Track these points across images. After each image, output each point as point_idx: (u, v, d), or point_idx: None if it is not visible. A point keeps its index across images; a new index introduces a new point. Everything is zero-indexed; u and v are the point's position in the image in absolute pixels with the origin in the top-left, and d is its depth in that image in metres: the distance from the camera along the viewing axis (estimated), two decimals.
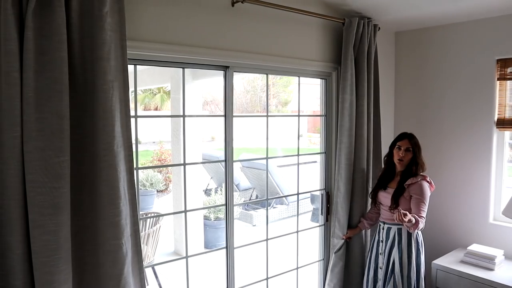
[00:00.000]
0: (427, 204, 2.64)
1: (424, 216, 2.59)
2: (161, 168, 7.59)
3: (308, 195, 6.10)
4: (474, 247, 3.01)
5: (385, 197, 2.80)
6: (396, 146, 2.77)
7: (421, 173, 2.72)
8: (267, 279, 3.03)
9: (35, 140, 1.74)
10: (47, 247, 1.78)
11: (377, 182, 2.93)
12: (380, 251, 2.83)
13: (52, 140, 1.77)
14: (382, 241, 2.82)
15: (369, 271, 2.91)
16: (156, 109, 13.86)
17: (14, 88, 1.70)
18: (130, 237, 2.07)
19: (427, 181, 2.70)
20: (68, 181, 1.84)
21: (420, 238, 2.76)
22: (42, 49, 1.74)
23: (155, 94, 13.51)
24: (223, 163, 2.66)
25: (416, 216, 2.53)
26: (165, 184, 7.59)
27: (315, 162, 5.59)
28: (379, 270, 2.83)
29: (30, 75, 1.71)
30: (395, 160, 2.77)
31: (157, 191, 7.32)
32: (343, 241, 3.05)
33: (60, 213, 1.81)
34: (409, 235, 2.70)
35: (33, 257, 1.78)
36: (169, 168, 7.41)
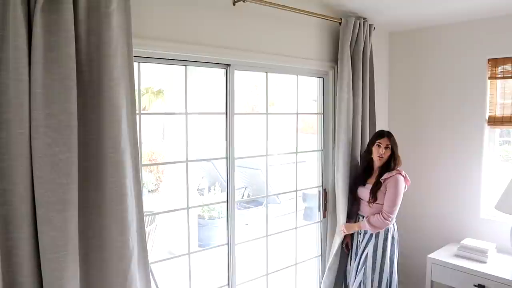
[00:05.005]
0: (398, 198, 2.79)
1: (390, 210, 2.76)
2: (152, 168, 7.55)
3: (300, 193, 6.14)
4: (467, 241, 3.10)
5: (364, 192, 2.94)
6: (376, 144, 2.88)
7: (397, 168, 2.85)
8: (266, 275, 3.06)
9: (43, 136, 1.73)
10: (55, 243, 1.78)
11: (357, 179, 3.06)
12: (358, 242, 2.97)
13: (60, 136, 1.77)
14: (360, 233, 2.97)
15: (351, 261, 3.05)
16: (143, 109, 13.72)
17: (22, 84, 1.69)
18: (136, 233, 2.08)
19: (402, 175, 2.82)
20: (76, 177, 1.84)
21: (396, 235, 2.92)
22: (50, 45, 1.74)
23: (143, 95, 13.38)
24: (216, 163, 2.68)
25: (372, 219, 2.79)
26: (156, 184, 7.55)
27: (304, 162, 5.64)
28: (356, 260, 2.96)
29: (38, 71, 1.71)
30: (375, 157, 2.90)
31: (148, 191, 7.28)
32: (339, 242, 3.09)
33: (68, 209, 1.81)
34: (386, 231, 2.84)
35: (40, 253, 1.78)
36: (160, 168, 7.37)
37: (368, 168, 3.00)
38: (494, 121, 3.18)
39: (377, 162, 2.91)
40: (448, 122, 3.42)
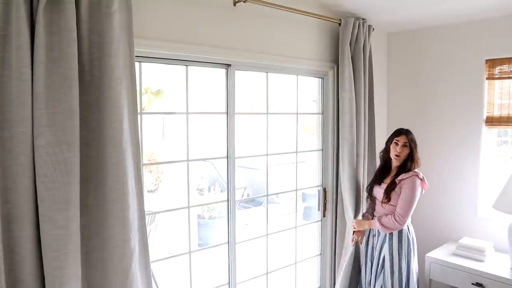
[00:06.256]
0: (413, 201, 2.69)
1: (403, 213, 2.66)
2: (151, 168, 7.56)
3: (299, 193, 6.15)
4: (465, 240, 3.12)
5: (379, 192, 2.86)
6: (394, 142, 2.80)
7: (414, 170, 2.75)
8: (267, 273, 3.09)
9: (45, 135, 1.75)
10: (57, 241, 1.79)
11: (373, 178, 3.01)
12: (374, 245, 2.91)
13: (62, 135, 1.78)
14: (375, 236, 2.90)
15: (366, 264, 2.98)
16: (142, 109, 13.67)
17: (24, 84, 1.71)
18: (137, 232, 2.09)
19: (420, 178, 2.72)
20: (78, 176, 1.85)
21: (412, 235, 2.81)
22: (52, 45, 1.75)
23: (142, 95, 13.35)
24: (216, 163, 2.69)
25: (384, 219, 2.72)
26: (155, 184, 7.56)
27: (303, 162, 5.67)
28: (373, 263, 2.90)
29: (40, 70, 1.73)
30: (392, 155, 2.80)
31: (148, 191, 7.28)
32: (354, 247, 3.10)
33: (70, 208, 1.82)
34: (400, 232, 2.76)
35: (42, 251, 1.79)
36: (160, 168, 7.37)
37: (386, 167, 2.91)
38: (491, 121, 3.20)
39: (394, 162, 2.81)
40: (446, 122, 3.45)
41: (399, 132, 2.82)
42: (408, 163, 2.76)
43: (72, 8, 1.78)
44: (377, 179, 2.94)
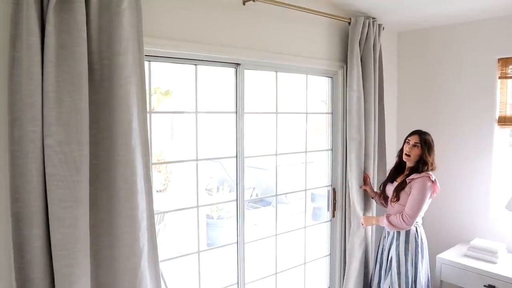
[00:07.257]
0: (422, 202, 2.65)
1: (411, 213, 2.63)
2: (160, 168, 7.59)
3: (308, 194, 6.14)
4: (477, 242, 3.08)
5: (390, 190, 2.86)
6: (406, 141, 2.80)
7: (427, 171, 2.69)
8: (275, 274, 3.07)
9: (55, 134, 1.76)
10: (66, 240, 1.80)
11: (388, 176, 2.99)
12: (384, 246, 2.89)
13: (71, 134, 1.79)
14: (385, 237, 2.89)
15: (376, 265, 2.97)
16: (152, 109, 13.71)
17: (35, 82, 1.71)
18: (146, 231, 2.09)
19: (431, 180, 2.67)
20: (87, 174, 1.86)
21: (420, 237, 2.76)
22: (62, 44, 1.76)
23: (151, 95, 13.40)
24: (224, 163, 2.68)
25: (392, 217, 2.70)
26: (164, 184, 7.59)
27: (312, 162, 5.64)
28: (382, 265, 2.89)
29: (50, 69, 1.73)
30: (403, 154, 2.80)
31: (157, 191, 7.32)
32: (363, 247, 3.10)
33: (79, 206, 1.83)
34: (407, 233, 2.74)
35: (52, 249, 1.80)
36: (169, 168, 7.41)
37: (401, 166, 2.89)
38: (504, 120, 3.15)
39: (407, 162, 2.79)
40: (457, 122, 3.41)
41: (413, 132, 2.81)
42: (420, 165, 2.72)
43: (82, 7, 1.79)
44: (390, 177, 2.93)
